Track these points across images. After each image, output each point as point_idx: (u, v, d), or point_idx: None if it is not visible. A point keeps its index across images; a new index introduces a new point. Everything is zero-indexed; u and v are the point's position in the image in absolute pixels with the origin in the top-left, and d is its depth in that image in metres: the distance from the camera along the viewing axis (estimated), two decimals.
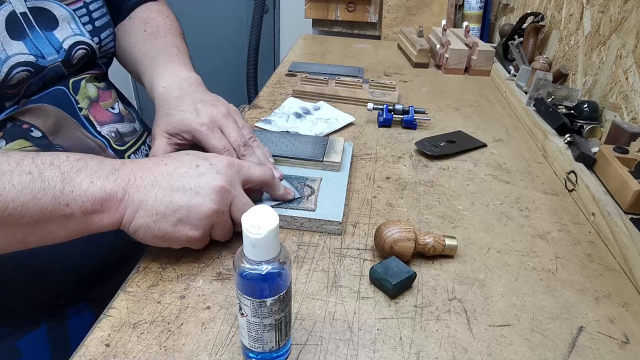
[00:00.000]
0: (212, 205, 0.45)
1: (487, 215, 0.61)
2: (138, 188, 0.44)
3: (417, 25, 1.35)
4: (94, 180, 0.43)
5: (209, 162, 0.47)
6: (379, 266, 0.48)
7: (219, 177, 0.46)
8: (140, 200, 0.44)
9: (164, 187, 0.45)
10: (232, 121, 0.58)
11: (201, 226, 0.46)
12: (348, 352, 0.41)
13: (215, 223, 0.47)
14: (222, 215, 0.47)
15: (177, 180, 0.45)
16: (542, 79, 0.86)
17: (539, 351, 0.42)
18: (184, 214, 0.45)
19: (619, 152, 0.64)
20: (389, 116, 0.84)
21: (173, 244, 0.47)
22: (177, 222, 0.45)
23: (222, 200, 0.46)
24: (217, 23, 2.16)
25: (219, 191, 0.46)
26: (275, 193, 0.55)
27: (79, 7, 0.60)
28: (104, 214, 0.43)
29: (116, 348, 0.40)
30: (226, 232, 0.50)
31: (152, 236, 0.45)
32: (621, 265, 0.54)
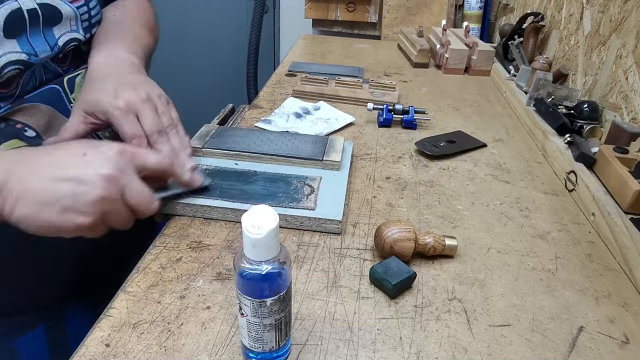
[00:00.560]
0: (99, 192, 0.44)
1: (487, 215, 0.61)
2: (17, 179, 0.43)
3: (417, 25, 1.35)
4: None
5: (98, 150, 0.46)
6: (379, 266, 0.48)
7: (107, 165, 0.45)
8: (20, 191, 0.43)
9: (46, 176, 0.44)
10: (150, 107, 0.56)
11: (90, 213, 0.44)
12: (348, 352, 0.41)
13: (107, 210, 0.45)
14: (113, 202, 0.45)
15: (61, 169, 0.44)
16: (542, 79, 0.86)
17: (539, 351, 0.42)
18: (69, 202, 0.43)
19: (619, 152, 0.64)
20: (389, 116, 0.84)
21: (63, 233, 0.45)
22: (63, 210, 0.43)
23: (111, 186, 0.45)
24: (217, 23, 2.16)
25: (107, 177, 0.44)
26: (179, 179, 0.54)
27: (80, 5, 0.60)
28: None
29: (116, 348, 0.40)
30: (123, 219, 0.48)
31: (37, 226, 0.44)
32: (621, 265, 0.54)
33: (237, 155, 0.66)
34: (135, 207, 0.47)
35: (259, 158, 0.66)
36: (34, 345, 0.59)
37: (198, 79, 2.21)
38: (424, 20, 1.42)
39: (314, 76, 0.99)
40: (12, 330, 0.58)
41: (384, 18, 1.44)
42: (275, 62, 2.18)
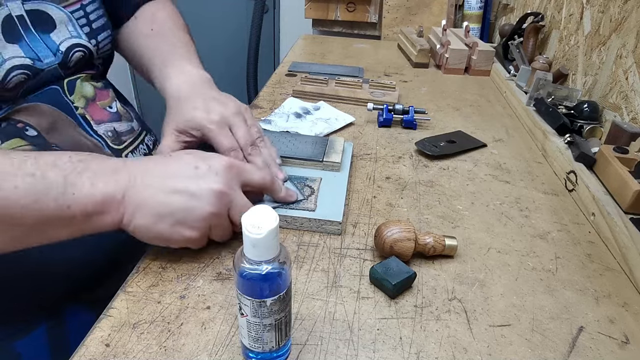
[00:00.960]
0: (209, 208, 0.46)
1: (487, 215, 0.61)
2: (137, 189, 0.44)
3: (417, 25, 1.35)
4: (94, 182, 0.43)
5: (208, 164, 0.48)
6: (379, 266, 0.48)
7: (218, 180, 0.47)
8: (139, 201, 0.44)
9: (163, 189, 0.45)
10: (241, 120, 0.58)
11: (198, 228, 0.46)
12: (348, 352, 0.41)
13: (213, 225, 0.47)
14: (220, 217, 0.47)
15: (177, 182, 0.46)
16: (542, 79, 0.86)
17: (539, 351, 0.42)
18: (181, 216, 0.45)
19: (619, 152, 0.64)
20: (389, 116, 0.84)
21: (171, 244, 0.47)
22: (175, 224, 0.45)
23: (220, 203, 0.46)
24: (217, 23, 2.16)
25: (217, 194, 0.46)
26: (276, 195, 0.55)
27: (76, 10, 0.59)
28: (104, 215, 0.43)
29: (116, 348, 0.40)
30: (225, 233, 0.50)
31: (151, 236, 0.46)
32: (621, 265, 0.54)
33: None
34: (238, 222, 0.49)
35: None
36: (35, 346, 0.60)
37: None
38: (424, 20, 1.42)
39: (314, 76, 0.99)
40: (14, 332, 0.58)
41: (384, 18, 1.44)
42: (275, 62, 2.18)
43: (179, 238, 0.46)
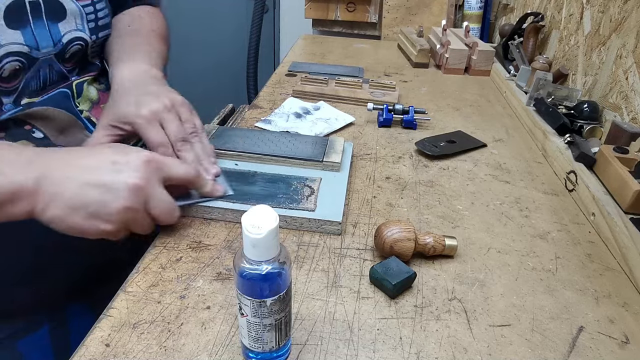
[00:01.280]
0: (123, 202, 0.45)
1: (487, 215, 0.61)
2: (52, 181, 0.44)
3: (417, 25, 1.35)
4: (4, 170, 0.43)
5: (127, 159, 0.47)
6: (379, 266, 0.48)
7: (135, 175, 0.46)
8: (53, 192, 0.44)
9: (78, 181, 0.45)
10: (173, 115, 0.57)
11: (113, 221, 0.46)
12: (348, 352, 0.41)
13: (130, 219, 0.47)
14: (136, 212, 0.47)
15: (92, 175, 0.45)
16: (542, 79, 0.86)
17: (539, 351, 0.42)
18: (95, 209, 0.45)
19: (619, 152, 0.64)
20: (389, 116, 0.84)
21: (87, 235, 0.46)
22: (89, 217, 0.45)
23: (136, 197, 0.46)
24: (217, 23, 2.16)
25: (133, 188, 0.46)
26: (201, 190, 0.55)
27: (87, 4, 0.61)
28: (15, 204, 0.43)
29: (116, 348, 0.40)
30: (144, 227, 0.49)
31: (65, 226, 0.45)
32: (621, 265, 0.54)
33: (237, 155, 0.66)
34: (157, 216, 0.49)
35: (259, 158, 0.66)
36: (38, 346, 0.60)
37: (198, 79, 2.21)
38: (424, 20, 1.42)
39: (314, 76, 0.99)
40: (17, 332, 0.59)
41: (384, 18, 1.44)
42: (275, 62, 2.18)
43: (93, 230, 0.45)
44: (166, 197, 0.49)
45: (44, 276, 0.59)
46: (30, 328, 0.59)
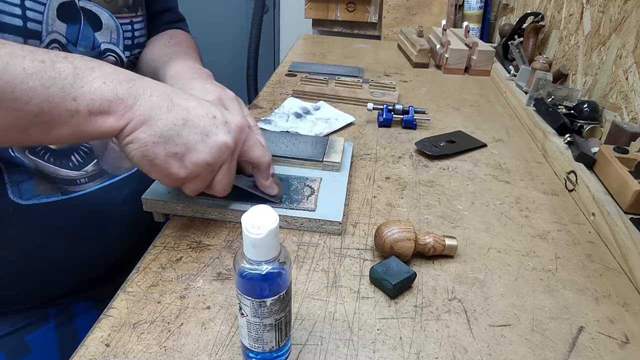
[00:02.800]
0: (208, 158, 0.45)
1: (487, 215, 0.61)
2: (151, 105, 0.44)
3: (417, 25, 1.35)
4: (106, 81, 0.42)
5: (226, 118, 0.48)
6: (379, 266, 0.48)
7: (228, 136, 0.47)
8: (150, 116, 0.43)
9: (178, 117, 0.44)
10: (237, 105, 0.58)
11: (189, 170, 0.45)
12: (348, 352, 0.41)
13: (202, 173, 0.47)
14: (212, 170, 0.47)
15: (193, 118, 0.45)
16: (542, 79, 0.86)
17: (539, 351, 0.42)
18: (182, 150, 0.45)
19: (619, 152, 0.64)
20: (389, 116, 0.84)
21: (153, 173, 0.46)
22: (172, 155, 0.44)
23: (219, 157, 0.46)
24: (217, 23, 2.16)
25: (222, 147, 0.46)
26: (262, 181, 0.54)
27: (126, 23, 0.63)
28: (109, 116, 0.42)
29: (116, 348, 0.40)
30: (197, 188, 0.49)
31: (141, 155, 0.44)
32: (621, 265, 0.54)
33: None
34: (216, 183, 0.49)
35: None
36: (45, 340, 0.61)
37: None
38: (424, 20, 1.42)
39: (314, 76, 0.99)
40: (24, 326, 0.59)
41: (384, 18, 1.44)
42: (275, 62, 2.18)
43: (166, 170, 0.45)
44: (234, 170, 0.49)
45: (52, 273, 0.59)
46: (37, 323, 0.60)
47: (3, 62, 0.38)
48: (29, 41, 0.51)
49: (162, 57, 0.67)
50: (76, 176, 0.59)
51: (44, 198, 0.56)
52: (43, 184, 0.56)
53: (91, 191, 0.60)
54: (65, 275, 0.60)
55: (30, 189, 0.55)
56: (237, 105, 0.57)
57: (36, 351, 0.59)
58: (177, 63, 0.63)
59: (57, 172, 0.57)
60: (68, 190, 0.58)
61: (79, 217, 0.59)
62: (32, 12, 0.51)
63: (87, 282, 0.63)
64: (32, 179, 0.55)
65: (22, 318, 0.59)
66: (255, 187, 0.56)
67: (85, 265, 0.62)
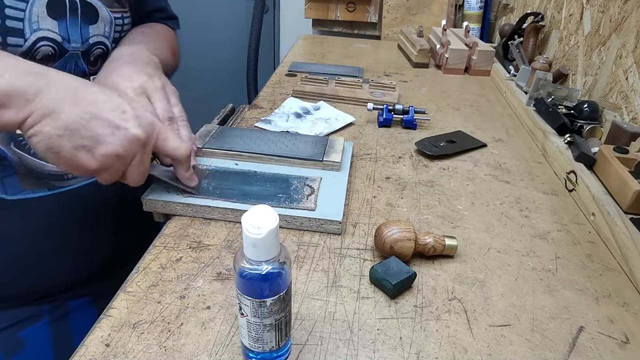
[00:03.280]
0: (119, 148, 0.45)
1: (487, 215, 0.61)
2: (55, 97, 0.43)
3: (417, 25, 1.35)
4: (4, 74, 0.42)
5: (136, 113, 0.47)
6: (379, 266, 0.48)
7: (139, 129, 0.46)
8: (54, 109, 0.43)
9: (84, 110, 0.44)
10: (162, 95, 0.57)
11: (99, 160, 0.45)
12: (348, 352, 0.41)
13: (112, 165, 0.46)
14: (122, 162, 0.47)
15: (100, 110, 0.45)
16: (542, 79, 0.86)
17: (539, 351, 0.42)
18: (90, 143, 0.44)
19: (619, 152, 0.64)
20: (389, 116, 0.84)
21: (61, 164, 0.45)
22: (80, 147, 0.44)
23: (130, 149, 0.46)
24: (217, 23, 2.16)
25: (133, 139, 0.46)
26: (181, 172, 0.54)
27: (118, 17, 0.64)
28: (6, 109, 0.42)
29: (116, 348, 0.40)
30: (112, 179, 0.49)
31: (46, 147, 0.43)
32: (621, 265, 0.54)
33: (237, 155, 0.66)
34: (129, 175, 0.48)
35: (259, 158, 0.66)
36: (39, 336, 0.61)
37: (198, 79, 2.20)
38: (424, 20, 1.42)
39: (314, 76, 0.99)
40: (19, 321, 0.60)
41: (384, 18, 1.44)
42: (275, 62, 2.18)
43: (75, 162, 0.45)
44: (147, 162, 0.49)
45: (44, 269, 0.59)
46: (31, 319, 0.60)
47: None
48: (9, 39, 0.51)
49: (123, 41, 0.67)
50: (63, 171, 0.59)
51: (29, 193, 0.56)
52: (28, 178, 0.56)
53: (79, 186, 0.60)
54: (58, 272, 0.61)
55: (15, 183, 0.55)
56: (161, 97, 0.56)
57: (30, 347, 0.59)
58: (123, 47, 0.63)
59: (42, 167, 0.57)
60: (55, 186, 0.58)
61: (68, 212, 0.59)
62: (11, 9, 0.50)
63: (81, 279, 0.63)
64: (16, 173, 0.55)
65: (16, 314, 0.59)
66: (175, 178, 0.55)
67: (78, 262, 0.62)
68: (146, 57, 0.62)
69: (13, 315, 0.59)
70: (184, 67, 0.86)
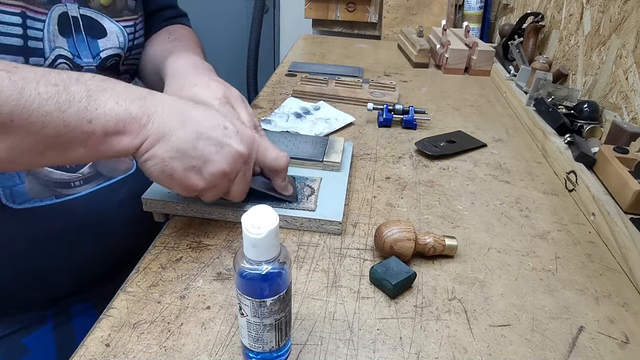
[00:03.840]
0: (226, 166, 0.46)
1: (487, 215, 0.61)
2: (165, 121, 0.44)
3: (417, 25, 1.35)
4: (119, 101, 0.42)
5: (237, 128, 0.48)
6: (379, 266, 0.48)
7: (242, 145, 0.47)
8: (165, 132, 0.44)
9: (192, 130, 0.45)
10: (243, 104, 0.58)
11: (208, 180, 0.46)
12: (348, 352, 0.41)
13: (219, 183, 0.47)
14: (229, 180, 0.48)
15: (205, 130, 0.46)
16: (542, 79, 0.86)
17: (539, 351, 0.42)
18: (199, 163, 0.45)
19: (619, 152, 0.64)
20: (389, 116, 0.84)
21: (174, 186, 0.47)
22: (190, 168, 0.45)
23: (236, 166, 0.47)
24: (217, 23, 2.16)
25: (238, 156, 0.47)
26: (278, 182, 0.55)
27: (129, 26, 0.64)
28: (124, 136, 0.43)
29: (116, 348, 0.40)
30: (216, 195, 0.49)
31: (160, 170, 0.45)
32: (621, 265, 0.54)
33: None
34: (233, 191, 0.49)
35: None
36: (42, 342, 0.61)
37: None
38: (424, 20, 1.42)
39: (314, 76, 0.99)
40: (22, 327, 0.59)
41: (384, 18, 1.44)
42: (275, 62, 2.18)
43: (185, 183, 0.46)
44: (249, 176, 0.50)
45: (49, 275, 0.59)
46: (35, 324, 0.60)
47: (18, 87, 0.38)
48: (31, 59, 0.51)
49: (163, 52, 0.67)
50: (70, 179, 0.59)
51: (37, 202, 0.56)
52: (35, 187, 0.56)
53: (86, 194, 0.60)
54: (63, 277, 0.60)
55: (23, 193, 0.55)
56: (243, 106, 0.57)
57: (33, 353, 0.59)
58: (178, 57, 0.63)
59: (49, 175, 0.57)
60: (62, 194, 0.58)
61: (75, 220, 0.59)
62: (32, 30, 0.51)
63: (85, 284, 0.63)
64: (24, 183, 0.55)
65: (19, 320, 0.59)
66: (272, 189, 0.56)
67: (83, 267, 0.62)
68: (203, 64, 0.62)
69: (16, 321, 0.59)
70: None
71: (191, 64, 0.61)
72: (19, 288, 0.58)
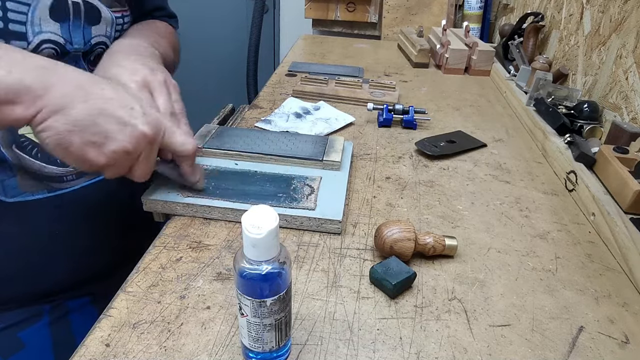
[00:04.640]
0: (128, 146, 0.45)
1: (487, 215, 0.61)
2: (64, 93, 0.43)
3: (417, 25, 1.35)
4: (12, 70, 0.41)
5: (144, 110, 0.47)
6: (379, 266, 0.48)
7: (147, 126, 0.46)
8: (64, 105, 0.43)
9: (94, 106, 0.44)
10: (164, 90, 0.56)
11: (108, 157, 0.45)
12: (348, 352, 0.41)
13: (120, 161, 0.46)
14: (130, 159, 0.47)
15: (109, 106, 0.45)
16: (542, 79, 0.86)
17: (539, 351, 0.42)
18: (100, 139, 0.44)
19: (619, 152, 0.64)
20: (389, 116, 0.84)
21: (70, 160, 0.45)
22: (89, 143, 0.44)
23: (138, 145, 0.46)
24: (217, 23, 2.16)
25: (141, 136, 0.46)
26: (184, 167, 0.54)
27: (119, 17, 0.63)
28: (15, 106, 0.41)
29: (116, 348, 0.40)
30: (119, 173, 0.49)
31: (55, 142, 0.43)
32: (621, 265, 0.54)
33: (237, 155, 0.66)
34: (135, 171, 0.48)
35: (259, 158, 0.66)
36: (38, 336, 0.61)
37: (198, 79, 2.21)
38: (424, 20, 1.42)
39: (314, 76, 0.99)
40: (18, 322, 0.59)
41: (384, 18, 1.44)
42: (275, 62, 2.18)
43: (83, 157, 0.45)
44: (154, 158, 0.49)
45: (43, 270, 0.59)
46: (31, 319, 0.60)
47: None
48: (12, 42, 0.51)
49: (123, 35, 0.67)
50: (62, 173, 0.59)
51: (29, 195, 0.56)
52: (27, 181, 0.56)
53: (79, 188, 0.60)
54: (59, 272, 0.60)
55: (14, 186, 0.55)
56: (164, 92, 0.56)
57: (30, 347, 0.59)
58: (124, 38, 0.63)
59: (42, 169, 0.57)
60: (54, 188, 0.58)
61: (67, 214, 0.59)
62: (13, 13, 0.50)
63: (82, 279, 0.63)
64: (15, 176, 0.55)
65: (15, 314, 0.59)
66: (179, 175, 0.55)
67: (78, 262, 0.62)
68: (147, 49, 0.61)
69: (13, 316, 0.59)
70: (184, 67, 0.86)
71: (130, 46, 0.60)
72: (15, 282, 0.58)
